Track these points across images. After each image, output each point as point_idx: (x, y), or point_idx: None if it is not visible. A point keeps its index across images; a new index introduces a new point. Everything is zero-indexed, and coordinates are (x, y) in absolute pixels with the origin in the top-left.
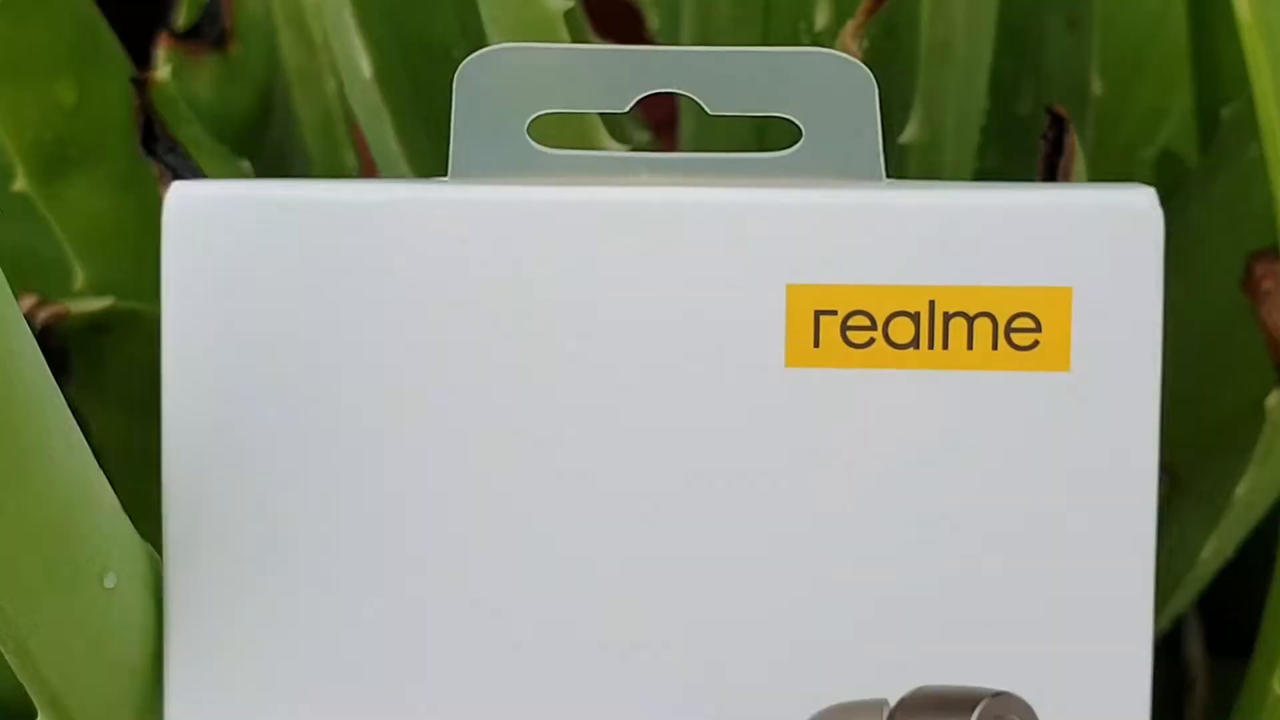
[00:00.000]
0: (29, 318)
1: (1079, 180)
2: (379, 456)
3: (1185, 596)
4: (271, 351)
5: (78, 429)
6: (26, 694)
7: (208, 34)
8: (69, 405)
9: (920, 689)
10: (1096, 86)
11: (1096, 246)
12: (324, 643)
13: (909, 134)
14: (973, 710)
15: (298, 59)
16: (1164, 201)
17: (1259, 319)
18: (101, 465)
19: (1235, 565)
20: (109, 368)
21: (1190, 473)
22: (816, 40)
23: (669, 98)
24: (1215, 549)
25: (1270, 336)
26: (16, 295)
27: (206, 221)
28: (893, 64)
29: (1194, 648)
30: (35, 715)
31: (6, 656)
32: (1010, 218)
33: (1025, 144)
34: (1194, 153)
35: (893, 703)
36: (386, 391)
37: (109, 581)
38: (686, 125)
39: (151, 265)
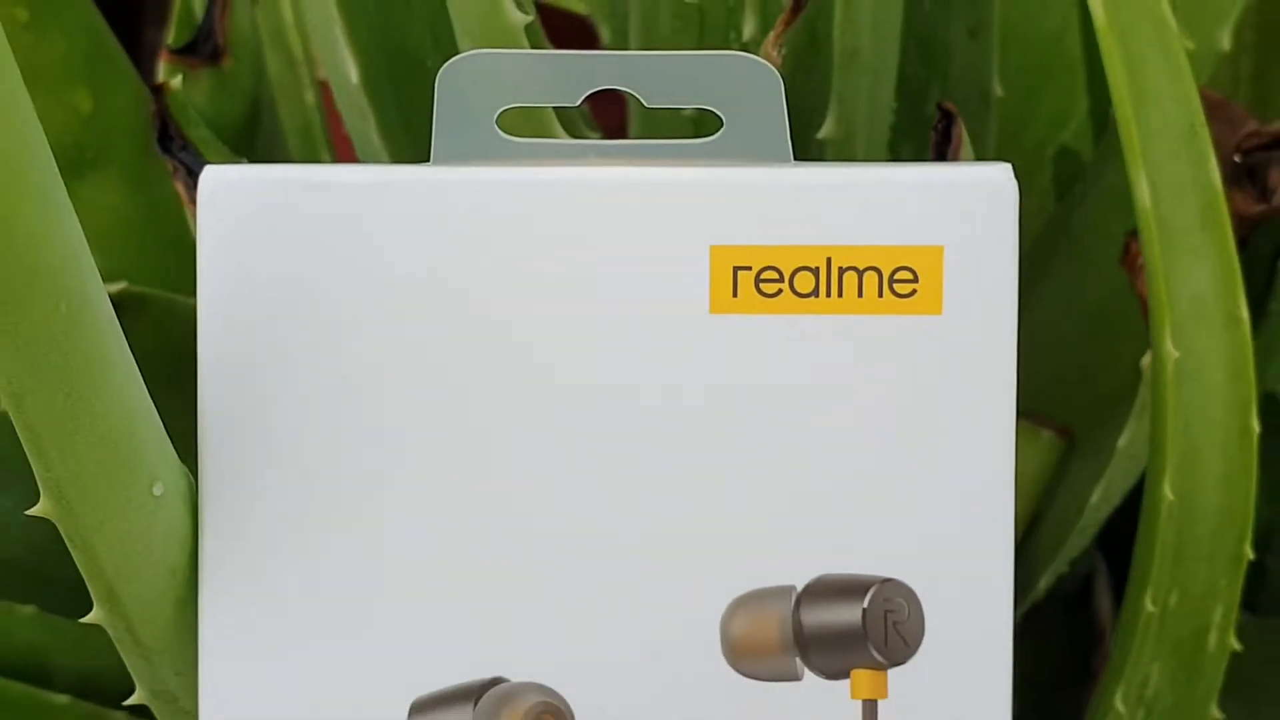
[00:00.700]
0: None
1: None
2: (380, 405)
3: (1081, 540)
4: (294, 317)
5: (131, 357)
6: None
7: (203, 50)
8: None
9: (822, 576)
10: (997, 89)
11: (963, 213)
12: (340, 552)
13: (825, 131)
14: (866, 593)
15: (280, 73)
16: (1062, 192)
17: (1136, 290)
18: None
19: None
20: None
21: (1086, 434)
22: (745, 48)
23: (621, 106)
24: (1103, 496)
25: (1144, 305)
26: None
27: (238, 201)
28: (813, 69)
29: (1103, 600)
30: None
31: (74, 553)
32: (892, 189)
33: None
34: (1091, 149)
35: (799, 588)
36: (392, 347)
37: (157, 490)
38: (634, 121)
39: (157, 255)
